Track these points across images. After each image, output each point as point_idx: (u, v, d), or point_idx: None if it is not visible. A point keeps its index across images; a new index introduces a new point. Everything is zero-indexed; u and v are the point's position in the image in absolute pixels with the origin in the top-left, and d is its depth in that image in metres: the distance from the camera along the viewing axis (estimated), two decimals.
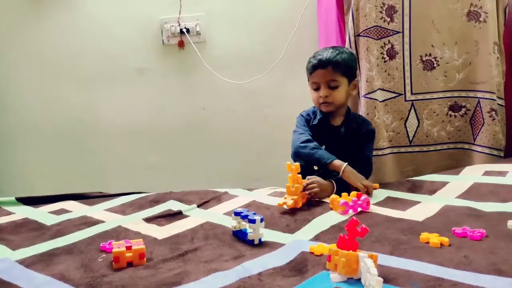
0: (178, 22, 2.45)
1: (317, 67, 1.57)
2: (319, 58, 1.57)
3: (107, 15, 2.45)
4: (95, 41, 2.46)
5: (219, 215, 1.35)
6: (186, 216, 1.36)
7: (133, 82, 2.52)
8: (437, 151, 1.89)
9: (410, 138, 1.88)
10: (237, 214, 1.21)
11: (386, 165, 1.87)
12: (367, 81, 1.82)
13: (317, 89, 1.58)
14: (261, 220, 1.14)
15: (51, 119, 2.50)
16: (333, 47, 1.62)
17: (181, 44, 2.48)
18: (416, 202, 1.36)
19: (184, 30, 2.44)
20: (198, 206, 1.44)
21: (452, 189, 1.44)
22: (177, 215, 1.37)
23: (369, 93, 1.83)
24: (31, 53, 2.45)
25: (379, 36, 1.82)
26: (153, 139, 2.58)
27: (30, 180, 2.55)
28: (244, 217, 1.18)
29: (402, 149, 1.90)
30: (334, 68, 1.56)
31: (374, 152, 1.86)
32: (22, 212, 1.48)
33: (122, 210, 1.45)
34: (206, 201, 1.47)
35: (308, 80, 1.63)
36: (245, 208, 1.25)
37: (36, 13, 2.42)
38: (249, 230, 1.15)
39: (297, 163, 1.41)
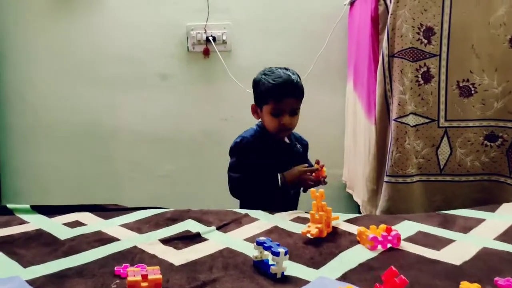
0: (205, 29, 2.40)
1: (287, 94, 1.52)
2: (288, 85, 1.52)
3: (133, 18, 2.41)
4: (120, 44, 2.42)
5: (240, 241, 1.28)
6: (205, 239, 1.29)
7: (155, 88, 2.48)
8: (469, 182, 1.80)
9: (441, 167, 1.79)
10: (259, 243, 1.13)
11: (413, 193, 1.79)
12: (399, 104, 1.74)
13: (277, 115, 1.54)
14: (286, 253, 1.06)
15: (70, 120, 2.47)
16: (285, 69, 1.58)
17: (206, 52, 2.43)
18: (450, 241, 1.27)
19: (210, 38, 2.40)
20: (218, 229, 1.37)
21: (489, 228, 1.34)
22: (195, 237, 1.30)
23: (400, 117, 1.75)
24: (55, 53, 2.42)
25: (415, 58, 1.74)
26: (172, 147, 2.53)
27: (45, 180, 2.51)
28: (267, 248, 1.11)
29: (432, 178, 1.81)
30: (300, 96, 1.57)
31: (402, 180, 1.77)
32: (36, 222, 1.43)
33: (138, 227, 1.39)
34: (226, 223, 1.40)
35: (264, 104, 1.57)
36: (268, 237, 1.17)
37: (62, 13, 2.39)
38: (271, 262, 1.08)
39: (322, 190, 1.34)
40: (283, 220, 1.46)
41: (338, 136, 2.47)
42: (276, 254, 1.05)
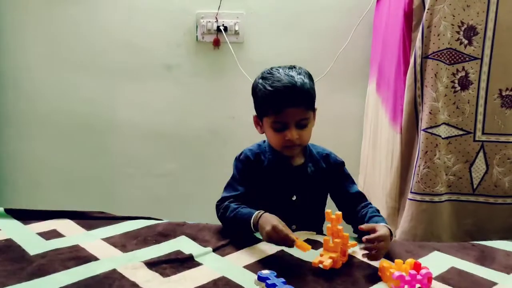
0: (216, 18, 2.19)
1: (288, 103, 1.19)
2: (288, 91, 1.19)
3: (138, 3, 2.21)
4: (122, 30, 2.23)
5: (239, 269, 1.08)
6: (198, 264, 1.10)
7: (159, 79, 2.28)
8: (506, 205, 1.57)
9: (474, 186, 1.57)
10: (261, 279, 0.94)
11: (441, 214, 1.57)
12: (430, 112, 1.52)
13: (281, 129, 1.23)
14: None
15: (66, 110, 2.28)
16: (290, 68, 1.25)
17: (216, 43, 2.22)
18: (491, 283, 1.06)
19: (222, 27, 2.19)
20: (214, 250, 1.17)
21: None
22: (187, 260, 1.11)
23: (431, 127, 1.53)
24: (52, 39, 2.23)
25: (452, 61, 1.52)
26: (174, 144, 2.34)
27: (36, 172, 2.34)
28: (271, 286, 0.91)
29: (463, 198, 1.59)
30: (308, 105, 1.23)
31: (428, 198, 1.56)
32: (8, 229, 1.25)
33: (123, 243, 1.19)
34: (224, 244, 1.20)
35: (264, 116, 1.26)
36: (272, 271, 0.97)
37: None
38: None
39: (339, 212, 1.13)
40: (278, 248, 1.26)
41: (354, 141, 2.25)
42: None
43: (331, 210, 1.15)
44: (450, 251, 1.25)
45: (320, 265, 1.08)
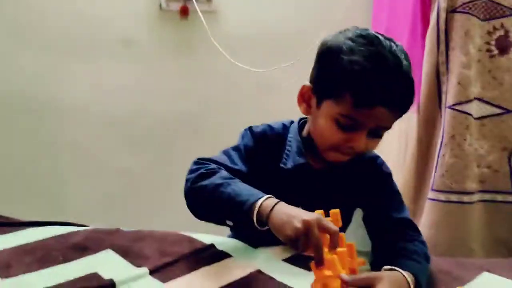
0: None
1: (383, 101, 0.77)
2: (396, 83, 0.77)
3: None
4: (72, 4, 1.82)
5: None
6: None
7: (115, 56, 1.89)
8: None
9: None
10: None
11: (471, 218, 1.20)
12: (459, 83, 1.15)
13: (349, 129, 0.81)
14: None
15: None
16: (389, 41, 0.80)
17: (184, 12, 1.84)
18: None
19: None
20: (152, 273, 0.76)
21: None
22: None
23: (459, 103, 1.15)
24: None
25: (488, 16, 1.15)
26: (134, 134, 1.94)
27: None
28: None
29: (499, 197, 1.21)
30: (404, 110, 0.82)
31: (456, 198, 1.17)
32: None
33: (15, 260, 0.78)
34: (170, 262, 0.79)
35: (330, 97, 0.81)
36: None
37: None
38: None
39: (335, 210, 0.73)
40: (272, 260, 0.85)
41: None
42: None
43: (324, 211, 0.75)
44: (501, 270, 0.86)
45: None
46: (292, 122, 0.95)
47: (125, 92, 1.90)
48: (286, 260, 0.86)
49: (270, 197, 0.75)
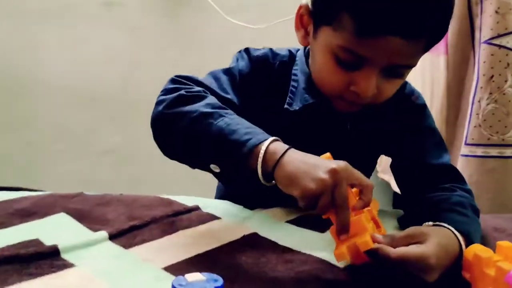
0: None
1: (396, 28, 0.54)
2: (409, 3, 0.53)
3: None
4: None
5: (154, 272, 0.48)
6: (64, 265, 0.49)
7: (95, 21, 1.69)
8: None
9: None
10: None
11: None
12: (497, 12, 0.94)
13: (351, 67, 0.59)
14: None
15: None
16: None
17: None
18: None
19: None
20: (113, 237, 0.56)
21: None
22: (47, 258, 0.50)
23: (497, 36, 0.94)
24: None
25: None
26: (118, 110, 1.74)
27: None
28: None
29: None
30: (431, 40, 0.59)
31: (496, 152, 0.97)
32: None
33: None
34: (135, 225, 0.60)
35: (327, 24, 0.60)
36: (213, 274, 0.37)
37: None
38: None
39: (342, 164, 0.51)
40: (273, 222, 0.65)
41: None
42: None
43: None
44: None
45: (341, 264, 0.50)
46: (298, 50, 0.73)
47: (109, 63, 1.70)
48: (291, 222, 0.66)
49: (277, 139, 0.54)
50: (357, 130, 0.70)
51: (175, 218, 0.63)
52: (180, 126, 0.56)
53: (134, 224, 0.60)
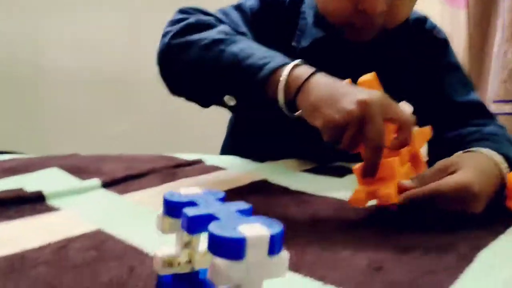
0: None
1: None
2: None
3: None
4: None
5: (148, 215, 0.42)
6: (48, 209, 0.44)
7: (98, 3, 1.63)
8: None
9: None
10: (171, 204, 0.28)
11: None
12: None
13: None
14: (277, 237, 0.21)
15: None
16: None
17: None
18: None
19: None
20: (107, 185, 0.51)
21: None
22: (29, 202, 0.44)
23: None
24: None
25: None
26: (125, 95, 1.70)
27: None
28: (201, 221, 0.25)
29: None
30: None
31: None
32: None
33: None
34: (132, 175, 0.54)
35: None
36: (210, 190, 0.30)
37: None
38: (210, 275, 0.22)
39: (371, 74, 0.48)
40: (285, 170, 0.59)
41: None
42: (236, 242, 0.20)
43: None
44: None
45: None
46: None
47: (114, 46, 1.65)
48: (307, 171, 0.60)
49: (302, 63, 0.47)
50: (374, 65, 0.63)
51: (176, 169, 0.58)
52: (189, 56, 0.51)
53: (131, 174, 0.54)
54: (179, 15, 0.56)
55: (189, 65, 0.51)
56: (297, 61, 0.46)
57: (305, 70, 0.45)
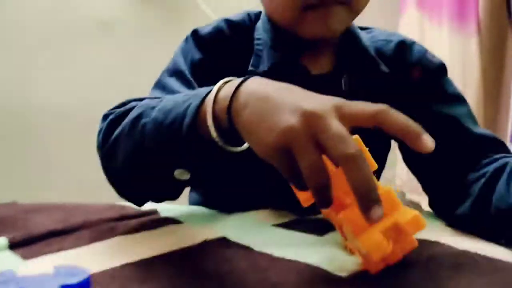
0: None
1: None
2: None
3: None
4: None
5: None
6: None
7: (91, 43, 1.59)
8: None
9: None
10: None
11: None
12: None
13: None
14: None
15: None
16: None
17: None
18: None
19: None
20: (15, 246, 0.39)
21: None
22: None
23: None
24: None
25: None
26: None
27: None
28: None
29: None
30: None
31: None
32: None
33: None
34: (57, 230, 0.43)
35: None
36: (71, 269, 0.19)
37: None
38: None
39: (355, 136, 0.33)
40: (253, 224, 0.47)
41: None
42: None
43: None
44: None
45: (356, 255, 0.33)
46: (249, 14, 0.59)
47: (108, 87, 1.58)
48: (281, 225, 0.47)
49: (228, 80, 0.37)
50: (356, 92, 0.53)
51: (118, 223, 0.46)
52: (120, 154, 0.42)
53: (54, 229, 0.42)
54: (102, 121, 0.47)
55: (123, 161, 0.42)
56: (223, 81, 0.37)
57: (231, 85, 0.36)
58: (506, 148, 0.50)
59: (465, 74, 0.90)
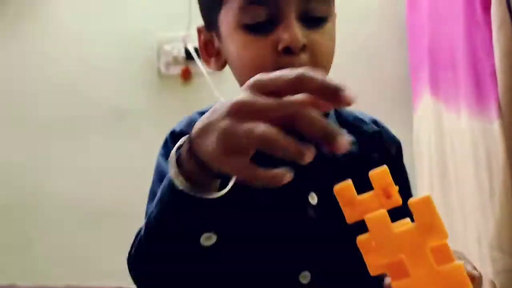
0: (184, 40, 1.56)
1: None
2: None
3: (76, 29, 1.62)
4: (54, 68, 1.60)
5: None
6: None
7: (109, 132, 1.62)
8: None
9: None
10: None
11: None
12: None
13: (266, 27, 0.55)
14: None
15: None
16: None
17: (186, 75, 1.59)
18: None
19: (193, 51, 1.54)
20: None
21: None
22: None
23: None
24: None
25: None
26: (129, 230, 1.54)
27: None
28: None
29: None
30: None
31: None
32: None
33: None
34: None
35: (219, 12, 0.59)
36: None
37: None
38: None
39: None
40: None
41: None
42: None
43: None
44: None
45: None
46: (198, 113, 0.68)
47: (120, 176, 1.57)
48: None
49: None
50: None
51: None
52: (154, 259, 0.52)
53: None
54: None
55: (158, 264, 0.52)
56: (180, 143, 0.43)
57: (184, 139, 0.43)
58: None
59: (491, 163, 0.83)
